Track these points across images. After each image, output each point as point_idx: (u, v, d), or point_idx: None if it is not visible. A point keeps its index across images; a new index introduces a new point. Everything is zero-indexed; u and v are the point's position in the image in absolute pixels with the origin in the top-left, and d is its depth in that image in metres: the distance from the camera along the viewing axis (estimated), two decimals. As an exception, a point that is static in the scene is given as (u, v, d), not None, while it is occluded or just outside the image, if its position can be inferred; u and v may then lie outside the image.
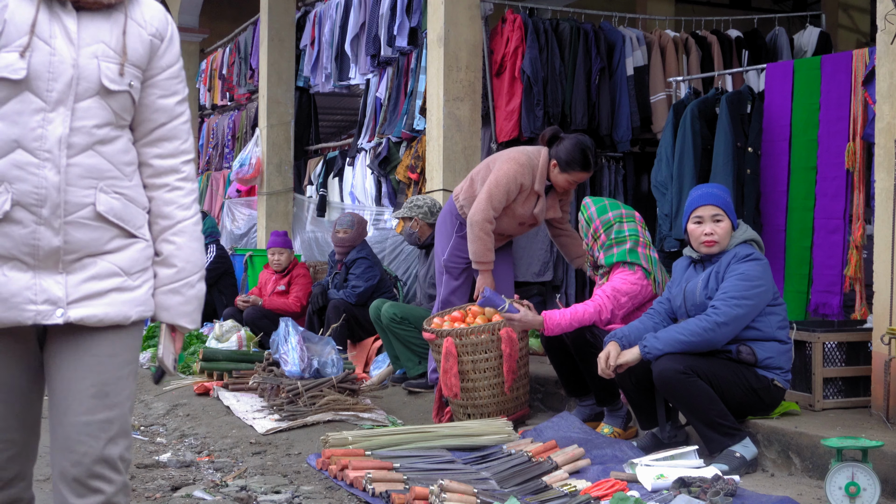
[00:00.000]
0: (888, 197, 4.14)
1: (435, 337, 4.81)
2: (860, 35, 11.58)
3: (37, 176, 2.01)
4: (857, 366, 4.42)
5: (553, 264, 7.59)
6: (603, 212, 4.60)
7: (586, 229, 4.63)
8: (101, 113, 2.09)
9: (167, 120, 2.21)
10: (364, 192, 8.99)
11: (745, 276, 3.91)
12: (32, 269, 2.04)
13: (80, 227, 2.06)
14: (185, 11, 13.45)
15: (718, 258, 4.06)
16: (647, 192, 7.84)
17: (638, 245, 4.54)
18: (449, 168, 7.04)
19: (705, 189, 4.21)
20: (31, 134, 2.02)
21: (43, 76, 2.03)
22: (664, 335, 3.91)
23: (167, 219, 2.22)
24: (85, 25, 2.09)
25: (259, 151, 10.44)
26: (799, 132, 5.65)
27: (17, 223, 2.01)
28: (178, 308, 2.22)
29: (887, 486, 3.41)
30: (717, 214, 4.04)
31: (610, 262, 4.52)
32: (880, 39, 4.22)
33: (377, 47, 8.59)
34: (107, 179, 2.10)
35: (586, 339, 4.39)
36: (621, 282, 4.47)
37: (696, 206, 4.10)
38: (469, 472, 3.91)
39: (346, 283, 6.95)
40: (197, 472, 4.20)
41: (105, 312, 2.09)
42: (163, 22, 2.22)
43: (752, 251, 4.01)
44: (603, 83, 7.68)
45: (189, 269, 2.22)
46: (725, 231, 4.04)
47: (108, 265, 2.10)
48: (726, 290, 3.90)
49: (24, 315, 2.03)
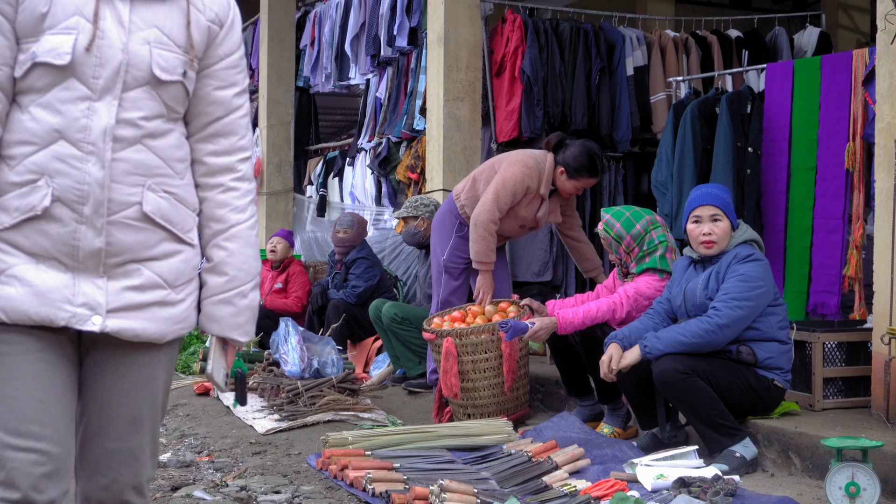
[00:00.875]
0: (888, 197, 4.14)
1: (435, 337, 4.81)
2: (860, 35, 11.57)
3: (79, 170, 1.85)
4: (857, 366, 4.42)
5: (553, 264, 7.60)
6: (630, 226, 4.50)
7: (617, 247, 4.55)
8: (151, 104, 1.92)
9: (224, 114, 2.04)
10: (364, 192, 8.99)
11: (746, 277, 3.90)
12: (72, 271, 1.88)
13: (124, 228, 1.89)
14: (185, 11, 13.45)
15: (719, 259, 4.05)
16: (647, 192, 7.84)
17: (667, 251, 4.53)
18: (449, 168, 7.04)
19: (704, 189, 4.20)
20: (74, 124, 1.86)
21: (89, 61, 1.86)
22: (665, 335, 3.91)
23: (220, 222, 2.04)
24: (138, 8, 1.92)
25: (259, 151, 10.44)
26: (799, 132, 5.65)
27: (57, 221, 1.85)
28: (229, 320, 2.04)
29: (887, 486, 3.41)
30: (716, 214, 4.03)
31: (641, 270, 4.52)
32: (880, 39, 4.22)
33: (377, 47, 8.59)
34: (156, 177, 1.93)
35: (596, 336, 4.39)
36: (646, 286, 4.45)
37: (695, 206, 4.09)
38: (469, 472, 3.91)
39: (346, 283, 6.95)
40: (197, 472, 4.20)
41: (143, 328, 1.93)
42: (223, 6, 2.04)
43: (752, 252, 4.00)
44: (603, 83, 7.68)
45: (241, 277, 2.05)
46: (724, 231, 4.03)
47: (151, 275, 1.93)
48: (727, 291, 3.89)
49: (59, 315, 1.86)
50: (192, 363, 6.77)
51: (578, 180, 5.15)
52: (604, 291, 4.79)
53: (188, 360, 6.90)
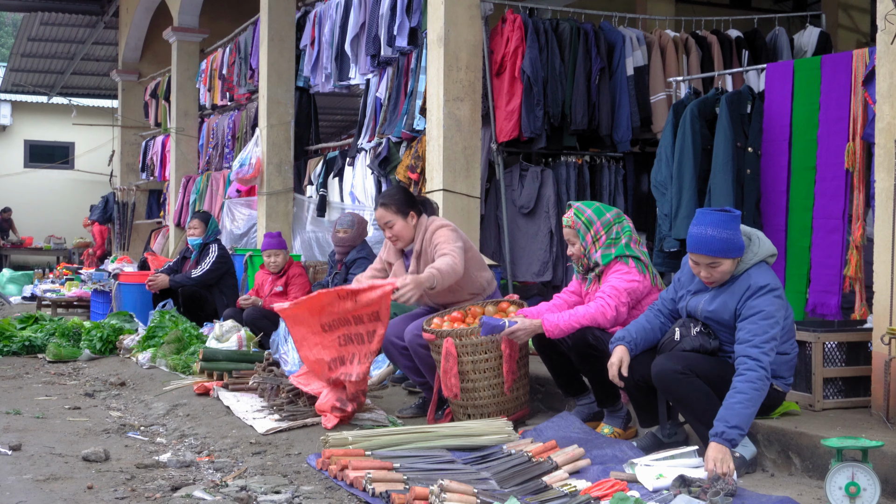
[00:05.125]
0: (888, 197, 4.14)
1: (435, 337, 4.81)
2: (860, 35, 11.58)
3: None
4: (857, 366, 4.42)
5: (553, 264, 7.60)
6: (600, 214, 4.59)
7: (585, 233, 4.58)
8: None
9: None
10: (364, 192, 8.99)
11: (767, 314, 3.78)
12: None
13: None
14: (185, 11, 13.45)
15: (731, 279, 3.96)
16: (647, 192, 7.85)
17: (631, 241, 4.56)
18: (449, 168, 7.04)
19: (700, 231, 3.88)
20: None
21: None
22: (734, 417, 3.63)
23: None
24: None
25: (259, 151, 10.44)
26: (799, 132, 5.66)
27: None
28: None
29: (887, 486, 3.41)
30: (713, 262, 3.89)
31: (608, 260, 4.52)
32: (880, 39, 4.22)
33: (377, 47, 8.59)
34: None
35: (588, 342, 4.38)
36: (618, 280, 4.46)
37: (691, 251, 3.94)
38: (469, 472, 3.91)
39: (346, 282, 6.95)
40: (197, 472, 4.21)
41: None
42: None
43: (767, 282, 3.85)
44: (603, 83, 7.68)
45: None
46: (723, 273, 3.91)
47: None
48: (754, 333, 3.76)
49: None
50: (192, 363, 6.76)
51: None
52: (568, 296, 4.78)
53: (188, 360, 6.89)
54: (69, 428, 5.22)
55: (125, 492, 3.82)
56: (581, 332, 4.39)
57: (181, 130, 13.73)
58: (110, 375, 7.09)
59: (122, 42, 16.74)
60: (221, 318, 7.65)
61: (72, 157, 23.04)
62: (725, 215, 3.88)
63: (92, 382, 6.91)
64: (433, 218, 5.20)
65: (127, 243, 16.56)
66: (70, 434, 5.05)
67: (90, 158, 22.49)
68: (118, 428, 5.26)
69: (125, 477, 4.09)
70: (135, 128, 16.88)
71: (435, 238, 5.00)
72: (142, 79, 16.62)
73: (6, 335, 8.44)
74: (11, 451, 4.55)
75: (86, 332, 8.40)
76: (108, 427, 5.28)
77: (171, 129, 13.90)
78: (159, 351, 7.30)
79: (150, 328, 7.82)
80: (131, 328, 8.47)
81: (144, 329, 8.06)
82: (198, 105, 13.70)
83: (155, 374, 6.94)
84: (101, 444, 4.72)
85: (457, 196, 7.06)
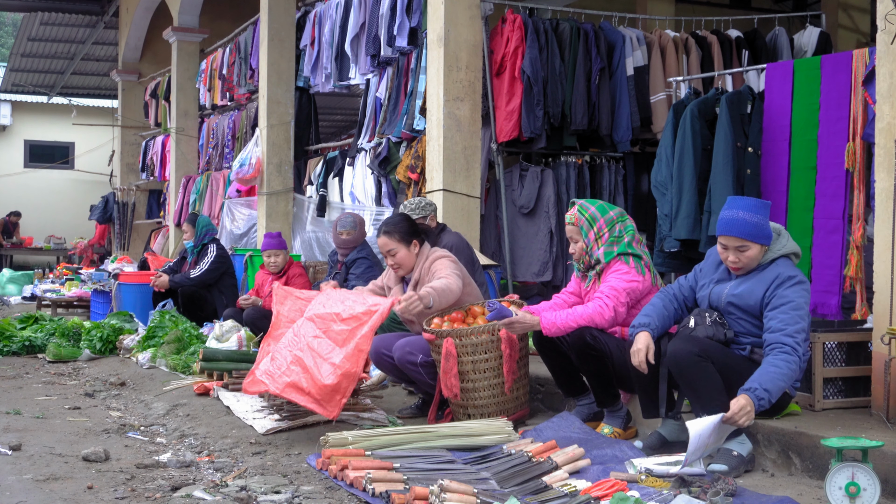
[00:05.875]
0: (888, 197, 4.14)
1: (435, 337, 4.81)
2: (860, 35, 11.58)
3: None
4: (857, 366, 4.42)
5: (553, 264, 7.60)
6: (604, 211, 4.61)
7: (588, 230, 4.59)
8: None
9: None
10: (364, 192, 8.99)
11: (797, 305, 3.85)
12: None
13: None
14: (185, 11, 13.46)
15: (759, 268, 4.00)
16: (647, 192, 7.85)
17: (633, 240, 4.58)
18: (449, 168, 7.04)
19: (732, 213, 3.97)
20: None
21: None
22: (766, 380, 3.69)
23: None
24: None
25: (259, 151, 10.44)
26: (799, 132, 5.66)
27: None
28: None
29: (887, 486, 3.41)
30: (742, 246, 3.95)
31: (610, 257, 4.53)
32: (880, 39, 4.22)
33: (377, 47, 8.59)
34: None
35: (586, 342, 4.38)
36: (617, 280, 4.47)
37: (721, 233, 4.01)
38: (469, 472, 3.91)
39: (346, 282, 6.95)
40: (197, 472, 4.20)
41: None
42: None
43: (795, 273, 3.92)
44: (603, 83, 7.69)
45: None
46: (751, 258, 3.97)
47: None
48: (786, 323, 3.81)
49: None
50: (192, 363, 6.76)
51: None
52: (567, 297, 4.79)
53: (188, 360, 6.89)
54: (69, 428, 5.22)
55: (125, 492, 3.82)
56: (579, 332, 4.39)
57: (181, 130, 13.73)
58: (110, 375, 7.09)
59: (122, 42, 16.74)
60: (221, 318, 7.65)
61: (72, 157, 23.04)
62: (757, 201, 4.02)
63: (92, 382, 6.91)
64: (434, 248, 5.27)
65: (127, 243, 16.57)
66: (70, 434, 5.05)
67: (90, 158, 22.48)
68: (118, 428, 5.26)
69: (125, 477, 4.09)
70: (135, 128, 16.88)
71: (433, 267, 5.11)
72: (142, 79, 16.63)
73: (6, 335, 8.45)
74: (11, 451, 4.55)
75: (86, 332, 8.40)
76: (108, 427, 5.28)
77: (171, 129, 13.90)
78: (159, 351, 7.30)
79: (150, 328, 7.82)
80: (131, 328, 8.48)
81: (144, 329, 8.06)
82: (198, 105, 13.71)
83: (155, 374, 6.94)
84: (101, 444, 4.72)
85: (457, 196, 7.06)
